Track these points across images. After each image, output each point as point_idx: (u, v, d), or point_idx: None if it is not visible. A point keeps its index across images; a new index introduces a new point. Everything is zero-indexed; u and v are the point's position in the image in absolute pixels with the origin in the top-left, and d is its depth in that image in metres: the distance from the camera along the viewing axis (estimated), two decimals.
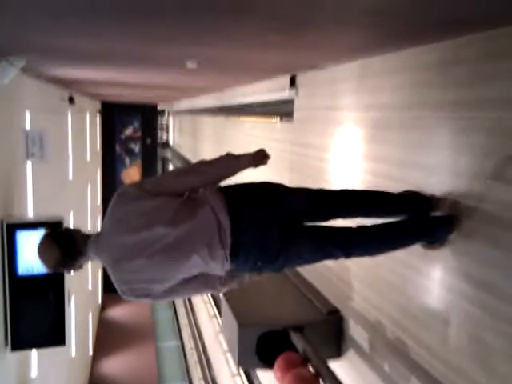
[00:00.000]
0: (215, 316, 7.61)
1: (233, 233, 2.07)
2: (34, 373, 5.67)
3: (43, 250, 2.07)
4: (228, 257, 2.08)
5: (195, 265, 2.07)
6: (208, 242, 2.05)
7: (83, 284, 10.96)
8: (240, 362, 3.51)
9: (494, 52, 2.18)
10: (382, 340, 3.04)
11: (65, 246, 2.06)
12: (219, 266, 2.10)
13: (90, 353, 12.76)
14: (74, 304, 8.26)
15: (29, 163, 5.80)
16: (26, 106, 5.89)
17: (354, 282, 3.39)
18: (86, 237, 2.12)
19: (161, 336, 14.12)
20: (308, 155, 4.32)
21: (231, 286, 2.27)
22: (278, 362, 3.16)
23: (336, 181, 3.67)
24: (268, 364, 3.32)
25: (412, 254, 2.62)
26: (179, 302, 13.13)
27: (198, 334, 10.10)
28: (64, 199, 8.39)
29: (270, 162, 2.27)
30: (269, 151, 2.29)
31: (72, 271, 2.19)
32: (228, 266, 2.11)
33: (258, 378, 5.37)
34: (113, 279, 2.09)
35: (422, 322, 2.65)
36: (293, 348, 3.31)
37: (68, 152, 9.23)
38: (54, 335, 5.01)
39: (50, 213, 5.85)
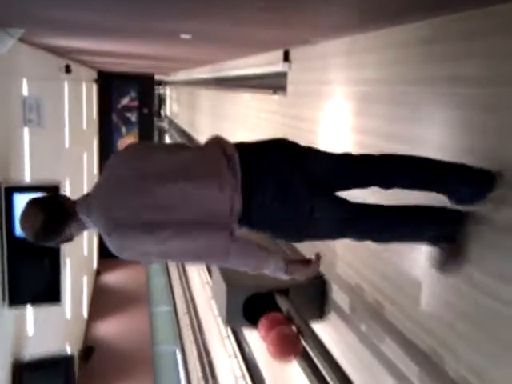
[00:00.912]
0: (207, 283, 7.82)
1: (242, 162, 1.88)
2: (30, 331, 5.88)
3: (25, 216, 1.79)
4: (239, 187, 1.84)
5: (204, 197, 1.82)
6: (217, 172, 1.85)
7: (78, 249, 11.15)
8: (228, 321, 3.70)
9: (485, 29, 2.19)
10: (361, 303, 3.17)
11: (50, 208, 1.80)
12: (228, 200, 1.83)
13: (85, 316, 13.03)
14: (70, 268, 8.45)
15: (26, 129, 5.91)
16: (24, 74, 5.97)
17: (338, 247, 3.50)
18: (74, 201, 1.88)
19: (155, 301, 14.37)
20: (301, 128, 4.42)
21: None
22: (262, 321, 3.32)
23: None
24: (254, 324, 3.51)
25: None
26: (173, 269, 13.33)
27: (190, 300, 10.33)
28: (60, 166, 8.51)
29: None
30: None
31: (60, 241, 1.89)
32: (239, 202, 1.84)
33: (246, 340, 5.61)
34: (103, 226, 1.81)
35: (400, 286, 2.80)
36: (278, 310, 3.49)
37: (64, 120, 9.31)
38: (49, 293, 5.19)
39: (46, 178, 5.99)
